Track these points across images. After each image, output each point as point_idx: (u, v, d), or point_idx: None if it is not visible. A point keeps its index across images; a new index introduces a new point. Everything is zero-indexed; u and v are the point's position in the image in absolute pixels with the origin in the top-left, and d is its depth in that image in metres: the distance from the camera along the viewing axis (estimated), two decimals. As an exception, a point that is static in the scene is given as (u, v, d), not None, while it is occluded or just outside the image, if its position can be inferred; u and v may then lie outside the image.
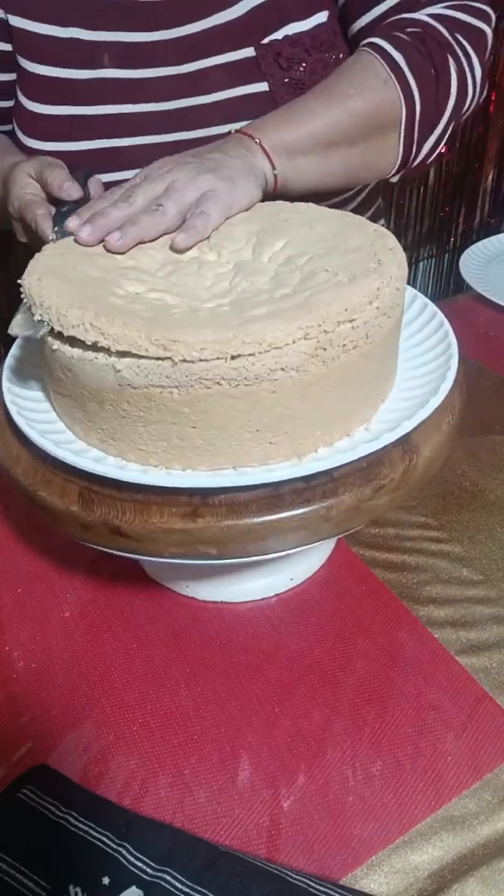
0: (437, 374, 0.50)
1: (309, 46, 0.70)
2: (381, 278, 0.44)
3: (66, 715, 0.50)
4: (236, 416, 0.42)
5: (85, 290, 0.44)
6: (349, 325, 0.42)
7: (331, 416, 0.44)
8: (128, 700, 0.50)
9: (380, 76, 0.64)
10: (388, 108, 0.65)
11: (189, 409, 0.41)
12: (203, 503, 0.42)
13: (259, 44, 0.70)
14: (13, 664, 0.53)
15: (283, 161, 0.61)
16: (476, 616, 0.55)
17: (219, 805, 0.45)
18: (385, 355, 0.47)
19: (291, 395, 0.42)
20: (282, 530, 0.42)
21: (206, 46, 0.70)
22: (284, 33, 0.70)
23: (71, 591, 0.58)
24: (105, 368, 0.41)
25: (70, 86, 0.71)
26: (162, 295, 0.45)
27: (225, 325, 0.40)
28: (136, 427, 0.43)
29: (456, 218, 1.81)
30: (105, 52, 0.70)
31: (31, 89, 0.72)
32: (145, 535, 0.42)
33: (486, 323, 0.91)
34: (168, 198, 0.51)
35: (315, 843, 0.43)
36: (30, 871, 0.40)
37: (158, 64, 0.70)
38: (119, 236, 0.49)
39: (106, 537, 0.43)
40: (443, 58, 0.66)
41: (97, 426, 0.45)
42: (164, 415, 0.42)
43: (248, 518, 0.42)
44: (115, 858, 0.40)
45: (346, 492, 0.43)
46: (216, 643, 0.54)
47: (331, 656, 0.52)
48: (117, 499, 0.43)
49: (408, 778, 0.45)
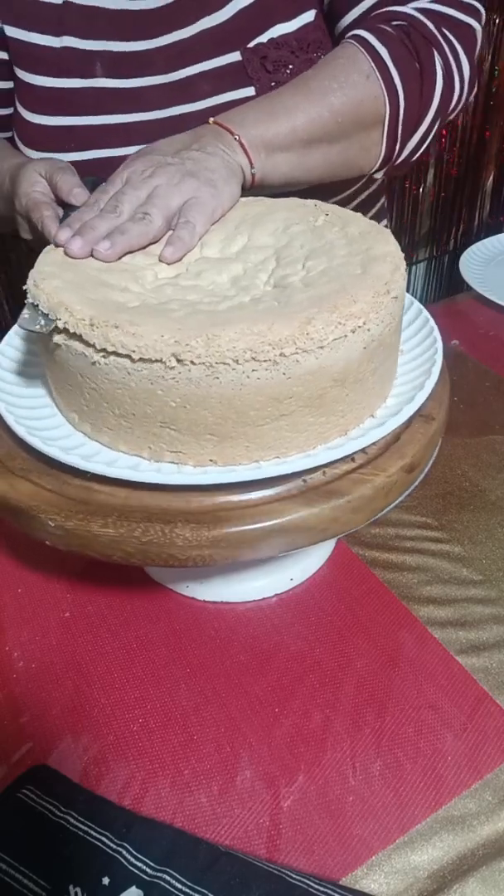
0: (424, 367, 0.50)
1: (295, 48, 0.70)
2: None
3: (66, 715, 0.50)
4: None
5: (96, 292, 0.44)
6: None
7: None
8: (128, 700, 0.50)
9: (363, 70, 0.63)
10: (370, 104, 0.64)
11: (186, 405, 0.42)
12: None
13: (245, 48, 0.69)
14: (13, 664, 0.53)
15: (262, 158, 0.60)
16: (476, 616, 0.55)
17: (219, 805, 0.45)
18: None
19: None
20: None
21: (194, 53, 0.70)
22: (269, 36, 0.69)
23: (71, 592, 0.58)
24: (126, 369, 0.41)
25: (64, 96, 0.71)
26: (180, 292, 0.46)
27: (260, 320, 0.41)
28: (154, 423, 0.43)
29: (456, 218, 1.81)
30: (97, 61, 0.70)
31: (27, 99, 0.72)
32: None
33: (486, 323, 0.91)
34: (153, 205, 0.51)
35: (315, 843, 0.43)
36: (30, 871, 0.40)
37: (149, 72, 0.70)
38: (109, 245, 0.49)
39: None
40: (428, 52, 0.65)
41: (107, 422, 0.45)
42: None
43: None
44: (115, 858, 0.40)
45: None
46: (216, 643, 0.54)
47: (331, 656, 0.52)
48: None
49: (408, 778, 0.45)
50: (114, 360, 0.41)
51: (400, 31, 0.65)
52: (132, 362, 0.41)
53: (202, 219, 0.52)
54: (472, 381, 0.80)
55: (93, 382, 0.43)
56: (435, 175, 1.70)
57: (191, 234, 0.51)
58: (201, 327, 0.40)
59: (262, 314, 0.41)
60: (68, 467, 0.44)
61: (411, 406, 0.46)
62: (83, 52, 0.70)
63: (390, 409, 0.48)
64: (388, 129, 0.66)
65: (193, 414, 0.42)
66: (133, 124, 0.71)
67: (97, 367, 0.42)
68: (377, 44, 0.64)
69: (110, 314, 0.41)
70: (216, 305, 0.45)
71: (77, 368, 0.44)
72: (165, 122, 0.70)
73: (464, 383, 0.79)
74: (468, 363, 0.83)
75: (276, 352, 0.40)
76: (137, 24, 0.69)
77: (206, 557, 0.42)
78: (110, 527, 0.42)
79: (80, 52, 0.70)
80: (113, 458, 0.45)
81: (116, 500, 0.44)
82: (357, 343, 0.43)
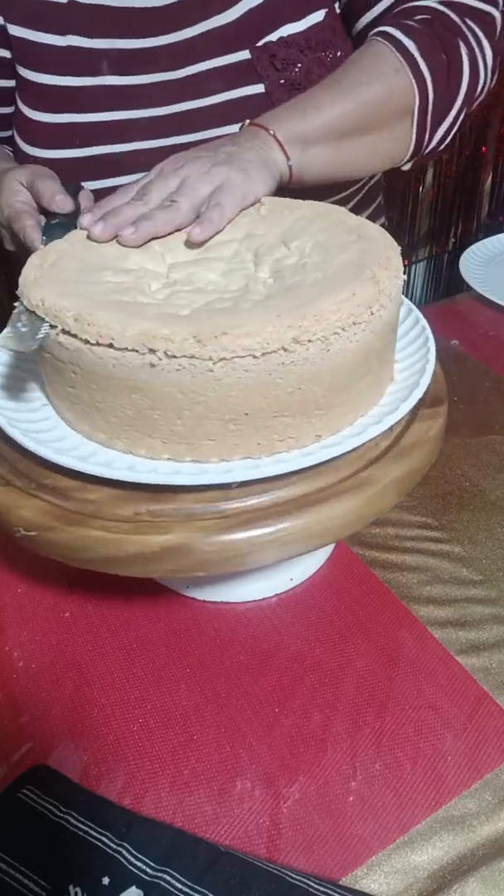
0: (419, 365, 0.50)
1: (304, 47, 0.70)
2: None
3: (66, 715, 0.49)
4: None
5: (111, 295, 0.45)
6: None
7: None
8: (128, 700, 0.50)
9: (391, 64, 0.64)
10: (400, 95, 0.65)
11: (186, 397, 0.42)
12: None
13: (254, 46, 0.70)
14: (13, 664, 0.53)
15: (298, 152, 0.61)
16: (476, 616, 0.55)
17: (219, 805, 0.45)
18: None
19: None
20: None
21: (202, 50, 0.70)
22: (279, 35, 0.70)
23: (71, 592, 0.58)
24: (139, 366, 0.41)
25: (69, 94, 0.71)
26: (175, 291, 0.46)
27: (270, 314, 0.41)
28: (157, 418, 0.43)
29: (455, 218, 1.81)
30: (103, 60, 0.70)
31: (30, 97, 0.72)
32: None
33: (486, 323, 0.91)
34: (182, 193, 0.51)
35: (315, 843, 0.43)
36: (30, 871, 0.40)
37: (155, 70, 0.70)
38: (133, 230, 0.49)
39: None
40: (454, 43, 0.66)
41: (110, 421, 0.45)
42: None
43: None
44: (115, 858, 0.40)
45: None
46: (216, 643, 0.54)
47: (331, 656, 0.52)
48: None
49: (408, 778, 0.45)
50: (110, 353, 0.41)
51: (425, 24, 0.66)
52: (157, 359, 0.40)
53: (232, 201, 0.52)
54: (472, 381, 0.80)
55: (93, 383, 0.43)
56: (434, 175, 1.70)
57: (220, 215, 0.51)
58: (213, 324, 0.40)
59: (267, 308, 0.42)
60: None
61: (407, 404, 0.47)
62: (88, 50, 0.70)
63: (386, 408, 0.48)
64: (417, 120, 0.67)
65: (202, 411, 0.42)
66: (139, 120, 0.71)
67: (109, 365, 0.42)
68: (404, 38, 0.65)
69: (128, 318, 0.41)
70: (221, 303, 0.45)
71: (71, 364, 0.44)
72: (173, 119, 0.71)
73: (464, 383, 0.79)
74: (468, 363, 0.83)
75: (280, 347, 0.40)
76: (143, 22, 0.69)
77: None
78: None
79: (85, 51, 0.70)
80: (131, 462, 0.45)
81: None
82: (359, 337, 0.43)
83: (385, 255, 0.46)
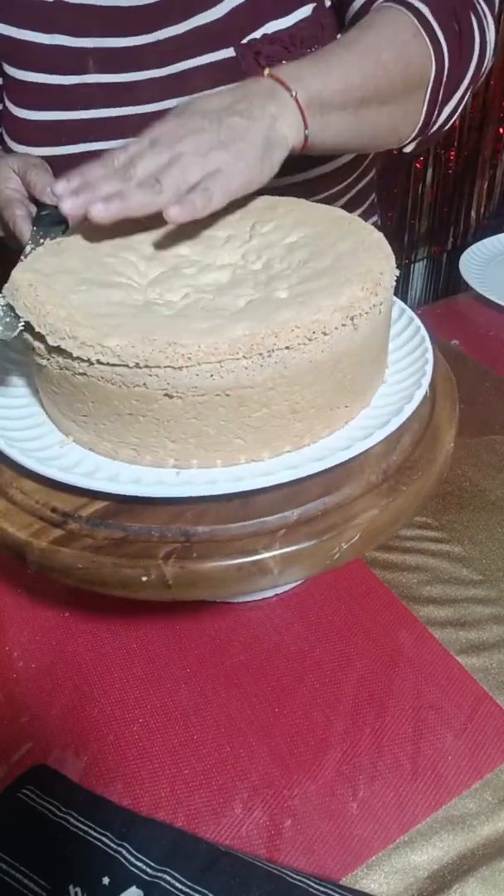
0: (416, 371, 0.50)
1: (288, 44, 0.69)
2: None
3: (66, 715, 0.49)
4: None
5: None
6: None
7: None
8: (128, 700, 0.50)
9: (409, 29, 0.61)
10: (418, 63, 0.62)
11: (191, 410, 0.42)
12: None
13: (239, 44, 0.69)
14: (13, 664, 0.53)
15: (317, 119, 0.56)
16: (476, 616, 0.55)
17: (219, 805, 0.45)
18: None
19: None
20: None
21: (188, 48, 0.70)
22: (263, 32, 0.69)
23: (71, 592, 0.58)
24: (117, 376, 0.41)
25: (56, 91, 0.71)
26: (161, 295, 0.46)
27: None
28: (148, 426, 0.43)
29: (455, 218, 1.81)
30: (90, 58, 0.70)
31: (17, 95, 0.72)
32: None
33: (486, 323, 0.91)
34: (169, 174, 0.47)
35: (315, 843, 0.43)
36: (30, 871, 0.40)
37: (142, 67, 0.70)
38: (102, 208, 0.45)
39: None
40: (466, 14, 0.64)
41: (100, 427, 0.45)
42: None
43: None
44: (115, 858, 0.40)
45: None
46: (216, 643, 0.54)
47: (331, 656, 0.52)
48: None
49: (408, 778, 0.45)
50: (100, 369, 0.41)
51: None
52: (129, 369, 0.40)
53: (222, 190, 0.48)
54: (472, 381, 0.80)
55: (93, 394, 0.43)
56: (434, 175, 1.70)
57: (204, 203, 0.46)
58: (203, 326, 0.40)
59: (263, 309, 0.42)
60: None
61: (410, 405, 0.47)
62: (75, 49, 0.70)
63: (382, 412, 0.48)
64: (430, 93, 0.64)
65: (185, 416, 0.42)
66: (126, 118, 0.71)
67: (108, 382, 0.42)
68: (418, 2, 0.62)
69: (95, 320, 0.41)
70: (211, 302, 0.45)
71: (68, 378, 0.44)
72: (159, 115, 0.70)
73: (464, 383, 0.79)
74: (468, 363, 0.83)
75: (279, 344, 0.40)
76: (129, 21, 0.69)
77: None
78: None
79: (71, 49, 0.70)
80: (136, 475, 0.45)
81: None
82: (350, 335, 0.43)
83: (376, 255, 0.47)
